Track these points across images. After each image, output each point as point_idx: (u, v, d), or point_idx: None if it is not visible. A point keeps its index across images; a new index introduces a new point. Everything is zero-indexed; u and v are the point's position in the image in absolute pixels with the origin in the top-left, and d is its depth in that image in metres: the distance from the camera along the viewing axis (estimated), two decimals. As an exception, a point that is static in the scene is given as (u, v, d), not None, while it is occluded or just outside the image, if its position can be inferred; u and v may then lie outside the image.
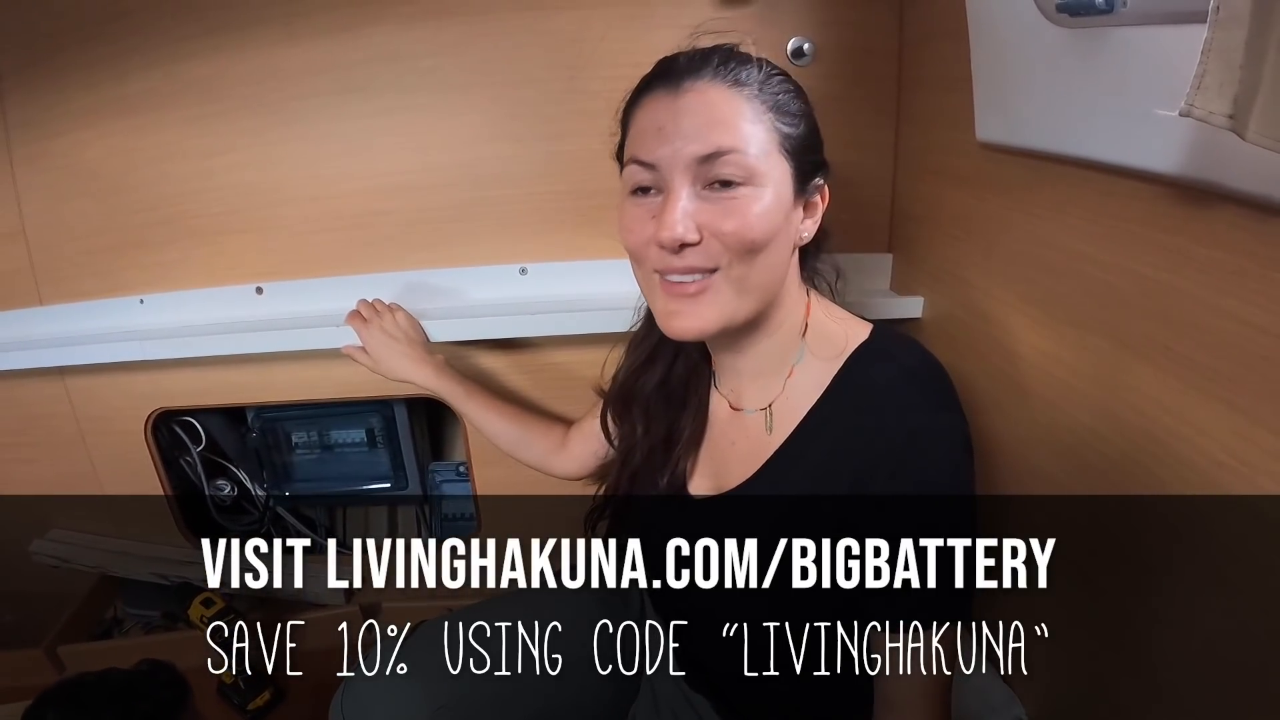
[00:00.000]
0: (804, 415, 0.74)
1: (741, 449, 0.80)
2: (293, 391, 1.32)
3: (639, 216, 0.70)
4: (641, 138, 0.69)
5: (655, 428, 0.88)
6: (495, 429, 1.13)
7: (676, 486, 0.86)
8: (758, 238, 0.67)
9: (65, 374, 1.33)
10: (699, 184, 0.67)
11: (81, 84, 1.17)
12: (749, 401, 0.81)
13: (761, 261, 0.69)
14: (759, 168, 0.67)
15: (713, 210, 0.67)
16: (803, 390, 0.75)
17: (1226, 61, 0.50)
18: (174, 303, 1.27)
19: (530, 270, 1.23)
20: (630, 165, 0.70)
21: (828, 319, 0.78)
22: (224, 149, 1.19)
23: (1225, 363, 0.64)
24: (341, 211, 1.21)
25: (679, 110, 0.67)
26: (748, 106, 0.67)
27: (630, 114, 0.73)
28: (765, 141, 0.67)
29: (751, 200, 0.67)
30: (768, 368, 0.78)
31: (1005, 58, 0.85)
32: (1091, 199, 0.78)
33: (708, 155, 0.66)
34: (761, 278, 0.70)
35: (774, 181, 0.68)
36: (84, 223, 1.24)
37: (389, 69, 1.15)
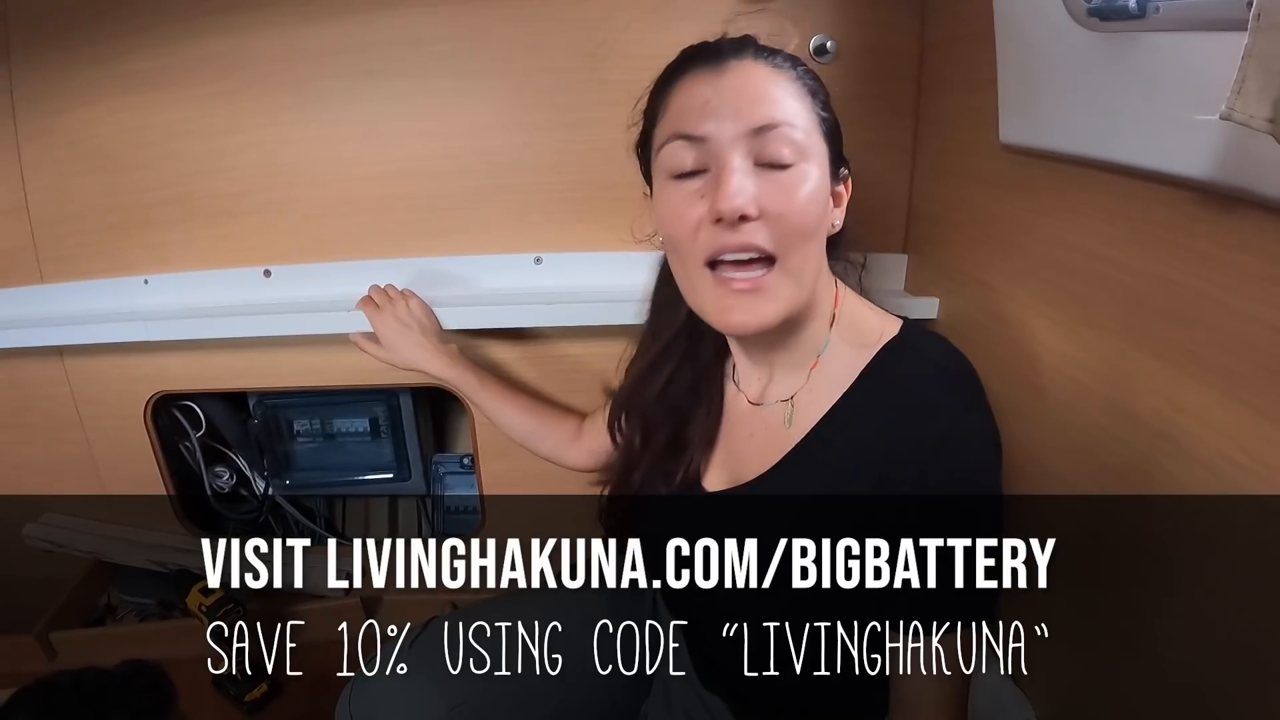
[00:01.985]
0: (829, 407, 0.73)
1: (760, 442, 0.79)
2: (297, 378, 1.31)
3: (685, 199, 0.67)
4: (684, 113, 0.67)
5: (656, 437, 0.86)
6: (509, 420, 1.12)
7: (689, 484, 0.84)
8: (809, 221, 0.66)
9: (65, 354, 1.31)
10: (750, 158, 0.65)
11: (91, 59, 1.15)
12: (771, 393, 0.79)
13: (811, 247, 0.68)
14: (807, 145, 0.66)
15: (767, 188, 0.65)
16: (829, 382, 0.74)
17: (1267, 67, 0.50)
18: (179, 284, 1.25)
19: (545, 260, 1.22)
20: (673, 143, 0.68)
21: (858, 309, 0.77)
22: (235, 129, 1.17)
23: (1249, 366, 0.64)
24: (354, 195, 1.20)
25: (725, 85, 0.66)
26: (791, 86, 0.67)
27: (665, 94, 0.71)
28: (809, 121, 0.67)
29: (802, 178, 0.66)
30: (795, 359, 0.76)
31: (1032, 60, 0.86)
32: (1116, 202, 0.78)
33: (760, 127, 0.64)
34: (812, 265, 0.69)
35: (818, 161, 0.67)
36: (89, 200, 1.22)
37: (407, 53, 1.14)
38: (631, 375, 0.90)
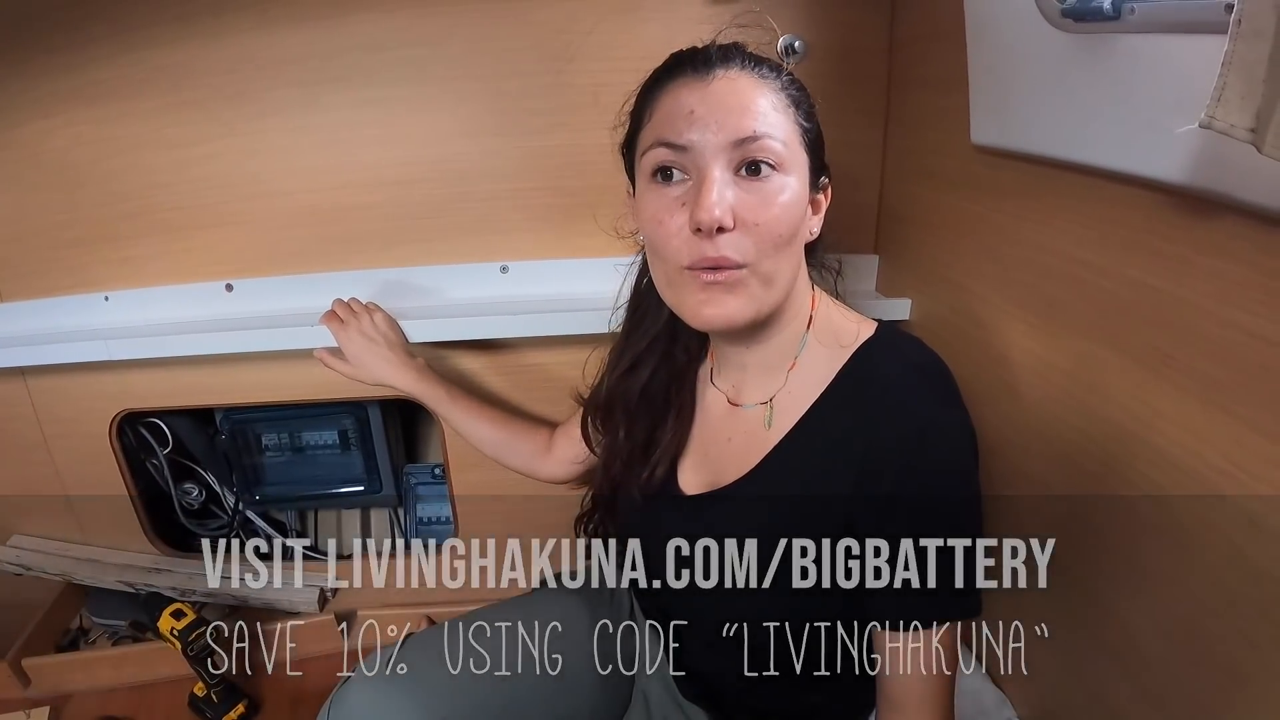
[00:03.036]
0: (807, 409, 0.74)
1: (738, 445, 0.80)
2: (263, 392, 1.29)
3: (666, 206, 0.69)
4: (669, 121, 0.68)
5: (637, 432, 0.88)
6: (479, 434, 1.11)
7: (663, 487, 0.85)
8: (784, 231, 0.68)
9: (27, 374, 1.28)
10: (730, 169, 0.67)
11: (46, 70, 1.12)
12: (749, 396, 0.80)
13: (786, 255, 0.69)
14: (787, 155, 0.68)
15: (745, 199, 0.66)
16: (806, 383, 0.75)
17: (1248, 75, 0.49)
18: (141, 300, 1.23)
19: (511, 268, 1.21)
20: (657, 149, 0.69)
21: (834, 312, 0.79)
22: (196, 140, 1.15)
23: (1225, 370, 0.64)
24: (317, 206, 1.18)
25: (710, 94, 0.67)
26: (775, 97, 0.69)
27: (650, 100, 0.72)
28: (790, 132, 0.69)
29: (780, 189, 0.67)
30: (772, 361, 0.78)
31: (1004, 61, 0.85)
32: (1089, 205, 0.78)
33: (743, 139, 0.66)
34: (786, 271, 0.71)
35: (798, 172, 0.69)
36: (47, 215, 1.20)
37: (369, 59, 1.11)
38: (613, 373, 0.91)
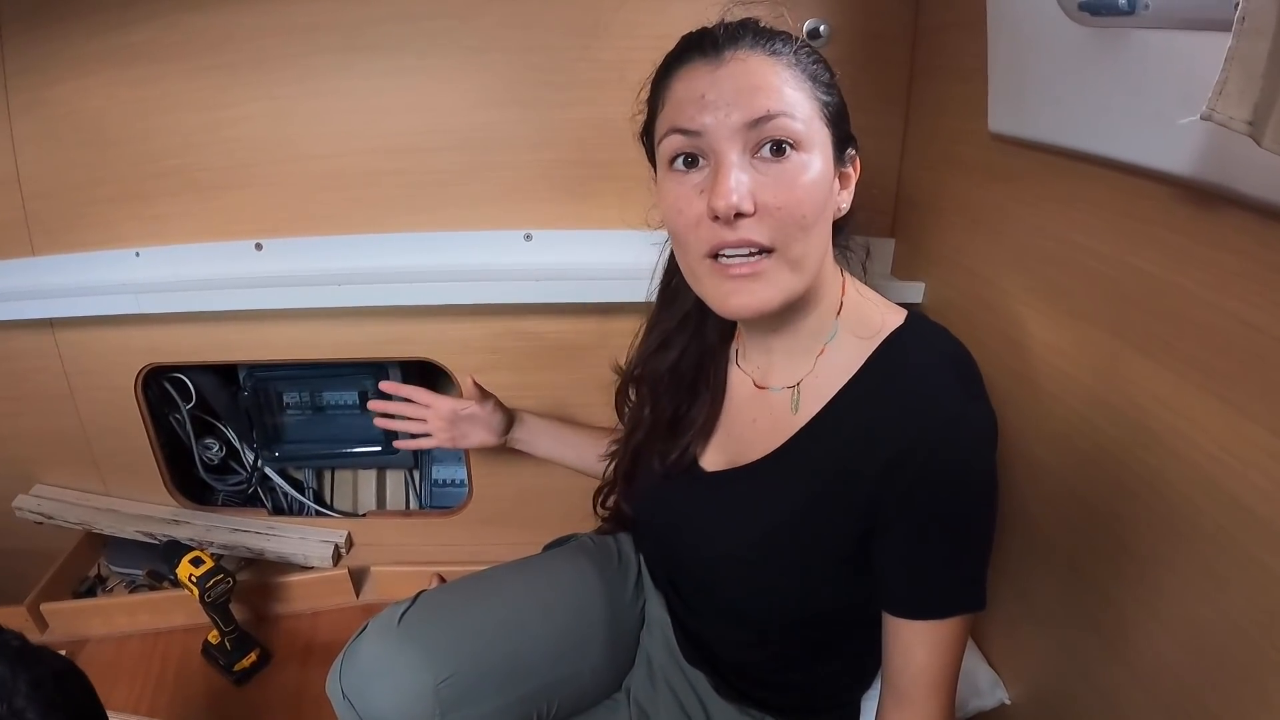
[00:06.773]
0: (834, 394, 0.73)
1: (763, 426, 0.79)
2: (287, 350, 1.31)
3: (685, 194, 0.68)
4: (682, 107, 0.67)
5: (662, 407, 0.88)
6: (562, 459, 1.18)
7: (686, 464, 0.85)
8: (808, 211, 0.66)
9: (56, 327, 1.31)
10: (748, 152, 0.65)
11: (84, 31, 1.14)
12: (776, 379, 0.80)
13: (814, 235, 0.68)
14: (806, 133, 0.66)
15: (764, 181, 0.65)
16: (834, 369, 0.74)
17: (1249, 70, 0.51)
18: (171, 257, 1.26)
19: (535, 237, 1.23)
20: (672, 136, 0.68)
21: (863, 299, 0.77)
22: (229, 103, 1.17)
23: (1223, 360, 0.65)
24: (346, 170, 1.20)
25: (721, 77, 0.65)
26: (789, 74, 0.67)
27: (664, 87, 0.71)
28: (808, 108, 0.67)
29: (801, 168, 0.66)
30: (801, 345, 0.77)
31: (1023, 52, 0.86)
32: (1099, 194, 0.79)
33: (756, 120, 0.64)
34: (815, 253, 0.69)
35: (819, 148, 0.67)
36: (81, 173, 1.22)
37: (401, 29, 1.13)
38: (644, 348, 0.91)
